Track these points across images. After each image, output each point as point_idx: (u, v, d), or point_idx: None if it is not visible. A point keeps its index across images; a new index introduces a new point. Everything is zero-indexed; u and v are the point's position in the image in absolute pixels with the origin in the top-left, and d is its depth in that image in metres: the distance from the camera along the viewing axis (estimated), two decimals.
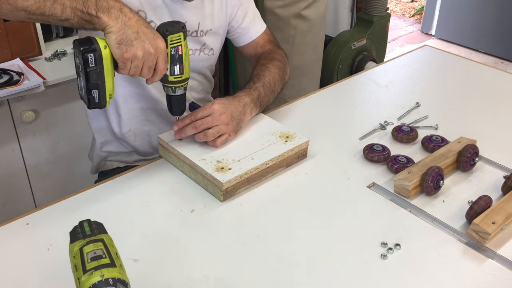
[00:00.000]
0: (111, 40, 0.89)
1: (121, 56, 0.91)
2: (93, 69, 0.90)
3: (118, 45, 0.90)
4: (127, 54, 0.91)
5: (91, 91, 0.92)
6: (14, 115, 1.74)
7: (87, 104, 0.95)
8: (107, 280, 0.63)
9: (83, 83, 0.92)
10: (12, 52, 1.75)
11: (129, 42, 0.90)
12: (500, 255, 0.91)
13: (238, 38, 1.37)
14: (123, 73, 0.94)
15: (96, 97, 0.93)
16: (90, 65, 0.89)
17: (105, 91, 0.94)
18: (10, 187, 1.85)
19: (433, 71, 1.65)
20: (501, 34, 3.88)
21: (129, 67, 0.93)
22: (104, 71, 0.91)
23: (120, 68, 0.93)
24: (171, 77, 1.02)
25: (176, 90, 1.04)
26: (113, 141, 1.33)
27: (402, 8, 5.11)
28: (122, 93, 1.25)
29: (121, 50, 0.90)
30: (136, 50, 0.91)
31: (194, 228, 0.96)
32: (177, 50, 0.99)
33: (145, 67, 0.95)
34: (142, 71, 0.95)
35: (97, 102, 0.94)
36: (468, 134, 1.21)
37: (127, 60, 0.92)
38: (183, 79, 1.03)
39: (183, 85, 1.04)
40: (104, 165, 1.39)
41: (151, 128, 1.32)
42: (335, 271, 0.88)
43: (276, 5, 2.06)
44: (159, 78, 1.00)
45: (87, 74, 0.90)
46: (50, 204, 1.01)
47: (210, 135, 1.08)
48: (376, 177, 1.11)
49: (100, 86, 0.92)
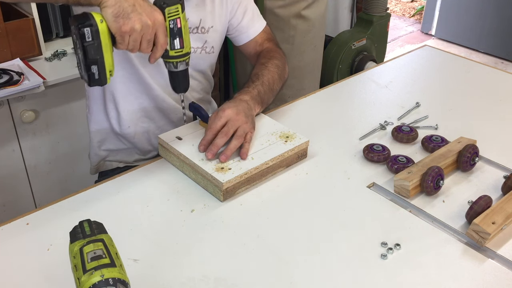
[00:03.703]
0: (108, 14, 0.88)
1: (118, 30, 0.90)
2: (90, 44, 0.89)
3: (115, 19, 0.89)
4: (124, 27, 0.89)
5: (90, 67, 0.91)
6: (14, 115, 1.74)
7: (87, 81, 0.94)
8: (107, 280, 0.63)
9: (82, 59, 0.91)
10: (12, 52, 1.75)
11: (126, 15, 0.89)
12: (500, 255, 0.91)
13: (238, 36, 1.37)
14: (122, 48, 0.93)
15: (95, 73, 0.92)
16: (87, 40, 0.88)
17: (104, 67, 0.93)
18: (10, 187, 1.85)
19: (433, 71, 1.65)
20: (501, 34, 3.88)
21: (127, 41, 0.92)
22: (102, 46, 0.90)
23: (118, 42, 0.92)
24: (172, 51, 1.01)
25: (178, 65, 1.03)
26: (112, 138, 1.34)
27: (402, 8, 5.11)
28: (121, 89, 1.25)
29: (118, 23, 0.89)
30: (134, 23, 0.90)
31: (194, 228, 0.96)
32: (175, 23, 0.98)
33: (144, 40, 0.93)
34: (141, 45, 0.94)
35: (97, 79, 0.93)
36: (468, 134, 1.21)
37: (125, 34, 0.90)
38: (184, 53, 1.02)
39: (184, 59, 1.03)
40: (103, 165, 1.39)
41: (150, 125, 1.32)
42: (335, 271, 0.88)
43: (276, 5, 2.06)
44: (161, 54, 0.98)
45: (84, 49, 0.89)
46: (50, 204, 1.01)
47: (241, 137, 1.07)
48: (376, 177, 1.11)
49: (99, 61, 0.91)
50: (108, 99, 1.27)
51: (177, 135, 1.13)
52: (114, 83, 1.24)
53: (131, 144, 1.34)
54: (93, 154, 1.37)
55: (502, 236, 0.95)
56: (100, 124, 1.32)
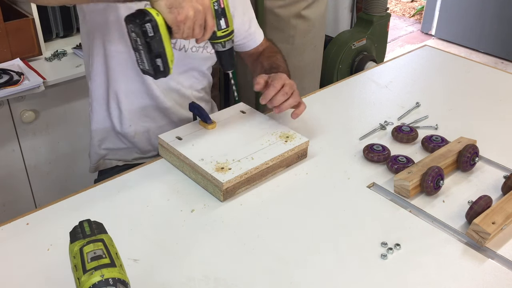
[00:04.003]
0: (161, 7, 0.91)
1: (174, 20, 0.92)
2: (153, 38, 0.92)
3: (169, 10, 0.91)
4: (180, 17, 0.92)
5: (155, 60, 0.95)
6: (14, 115, 1.74)
7: (152, 75, 0.97)
8: (107, 280, 0.63)
9: (145, 55, 0.94)
10: (12, 52, 1.75)
11: (178, 4, 0.92)
12: (500, 255, 0.91)
13: (247, 42, 1.40)
14: (177, 37, 0.96)
15: (160, 65, 0.95)
16: (149, 34, 0.91)
17: (167, 58, 0.96)
18: (10, 187, 1.85)
19: (433, 71, 1.65)
20: (501, 34, 3.88)
21: (182, 30, 0.95)
22: (163, 38, 0.93)
23: (175, 32, 0.95)
24: (219, 32, 1.03)
25: (226, 44, 1.05)
26: (112, 137, 1.34)
27: (402, 8, 5.11)
28: (124, 89, 1.26)
29: (173, 14, 0.92)
30: (188, 11, 0.92)
31: (194, 228, 0.96)
32: (219, 3, 1.00)
33: (197, 26, 0.96)
34: (193, 31, 0.97)
35: (162, 71, 0.96)
36: (468, 134, 1.21)
37: (180, 23, 0.93)
38: (230, 32, 1.04)
39: (230, 38, 1.06)
40: (103, 163, 1.39)
41: (151, 125, 1.33)
42: (335, 271, 0.88)
43: (276, 5, 2.06)
44: (209, 36, 1.00)
45: (148, 44, 0.92)
46: (50, 204, 1.01)
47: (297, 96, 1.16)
48: (376, 177, 1.11)
49: (162, 53, 0.94)
50: (112, 97, 1.28)
51: (177, 135, 1.13)
52: (118, 82, 1.25)
53: (131, 144, 1.34)
54: (93, 153, 1.37)
55: (502, 236, 0.95)
56: (101, 123, 1.33)
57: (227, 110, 1.26)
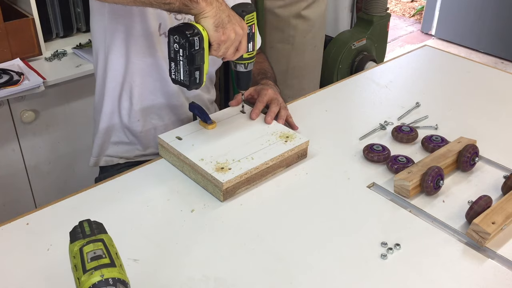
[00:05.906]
0: (209, 24, 0.95)
1: (218, 39, 0.97)
2: (198, 51, 0.95)
3: (215, 28, 0.96)
4: (224, 37, 0.97)
5: (194, 72, 0.98)
6: (14, 115, 1.74)
7: (186, 85, 1.00)
8: (107, 280, 0.63)
9: (184, 66, 0.97)
10: (12, 52, 1.75)
11: (224, 25, 0.97)
12: (500, 255, 0.91)
13: None
14: (214, 54, 1.00)
15: (197, 78, 0.99)
16: (196, 48, 0.95)
17: (203, 71, 0.99)
18: (10, 187, 1.85)
19: (433, 71, 1.65)
20: (501, 34, 3.88)
21: (221, 49, 0.99)
22: (205, 52, 0.97)
23: (213, 49, 0.99)
24: (245, 54, 1.08)
25: (248, 66, 1.12)
26: (117, 131, 1.33)
27: (402, 8, 5.12)
28: (140, 83, 1.27)
29: (218, 32, 0.96)
30: (230, 32, 0.98)
31: (194, 228, 0.96)
32: (251, 29, 1.06)
33: (233, 47, 1.01)
34: (228, 51, 1.01)
35: (197, 83, 1.00)
36: (468, 134, 1.21)
37: (222, 42, 0.98)
38: (254, 55, 1.12)
39: (253, 60, 1.13)
40: (104, 160, 1.39)
41: (158, 123, 1.33)
42: (335, 271, 0.88)
43: (276, 5, 2.06)
44: (238, 57, 1.05)
45: (192, 57, 0.95)
46: (50, 204, 1.01)
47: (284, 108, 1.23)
48: (376, 177, 1.11)
49: (201, 67, 0.98)
50: (125, 90, 1.28)
51: (177, 135, 1.14)
52: (133, 75, 1.26)
53: (134, 139, 1.34)
54: (95, 145, 1.37)
55: (502, 236, 0.95)
56: (108, 115, 1.32)
57: (227, 110, 1.26)
